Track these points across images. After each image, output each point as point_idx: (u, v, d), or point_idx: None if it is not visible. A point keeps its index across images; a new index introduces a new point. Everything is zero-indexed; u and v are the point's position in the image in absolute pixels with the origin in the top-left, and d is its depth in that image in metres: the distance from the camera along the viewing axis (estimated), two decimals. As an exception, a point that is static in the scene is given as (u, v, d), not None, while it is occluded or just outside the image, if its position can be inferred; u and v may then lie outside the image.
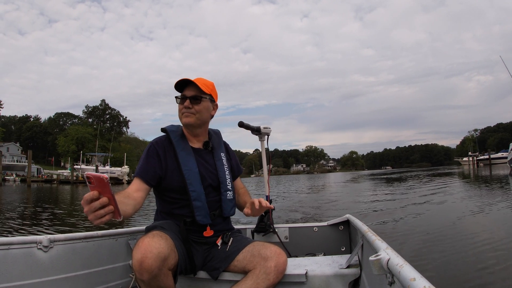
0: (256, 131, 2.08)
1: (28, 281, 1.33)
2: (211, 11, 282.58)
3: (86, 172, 1.03)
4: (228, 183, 1.62)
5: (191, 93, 1.52)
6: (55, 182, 40.32)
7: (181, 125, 1.61)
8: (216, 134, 1.75)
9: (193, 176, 1.50)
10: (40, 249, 1.38)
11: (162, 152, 1.53)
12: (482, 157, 52.39)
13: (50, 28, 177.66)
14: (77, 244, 1.51)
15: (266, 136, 2.13)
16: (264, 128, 2.08)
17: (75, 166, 42.39)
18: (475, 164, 51.42)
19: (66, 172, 41.29)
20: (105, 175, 1.00)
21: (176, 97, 1.56)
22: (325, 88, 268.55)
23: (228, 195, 1.60)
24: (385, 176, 28.66)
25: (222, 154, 1.67)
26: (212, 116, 1.64)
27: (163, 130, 1.63)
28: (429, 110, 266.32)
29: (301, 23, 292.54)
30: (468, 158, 59.21)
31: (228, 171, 1.64)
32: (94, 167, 39.42)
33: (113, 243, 1.67)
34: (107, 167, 42.42)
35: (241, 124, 2.04)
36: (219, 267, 1.45)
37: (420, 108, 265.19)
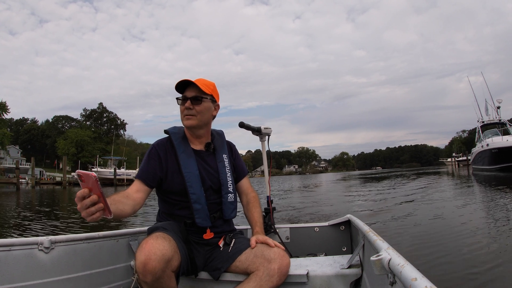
0: (256, 131, 2.08)
1: (29, 282, 1.33)
2: (204, 12, 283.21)
3: (77, 170, 1.05)
4: (230, 185, 1.61)
5: (192, 93, 1.53)
6: (68, 184, 40.52)
7: (183, 126, 1.62)
8: (219, 135, 1.74)
9: (193, 179, 1.51)
10: (41, 250, 1.38)
11: (163, 154, 1.54)
12: (460, 159, 55.63)
13: (41, 28, 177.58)
14: (78, 245, 1.51)
15: (266, 137, 2.14)
16: (265, 128, 2.09)
17: (93, 169, 43.23)
18: (457, 165, 54.55)
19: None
20: (94, 173, 1.01)
21: (177, 98, 1.56)
22: (318, 89, 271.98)
23: (229, 197, 1.60)
24: (372, 176, 30.69)
25: (225, 156, 1.67)
26: (214, 117, 1.64)
27: (166, 132, 1.64)
28: (420, 111, 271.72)
29: (294, 25, 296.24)
30: (451, 159, 62.56)
31: (230, 173, 1.64)
32: (112, 170, 41.15)
33: (114, 244, 1.67)
34: (123, 170, 43.93)
35: (242, 125, 2.05)
36: (221, 267, 1.45)
37: (412, 109, 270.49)
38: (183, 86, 1.55)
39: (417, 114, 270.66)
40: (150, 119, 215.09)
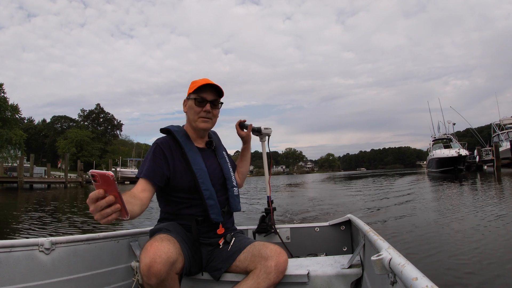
0: (256, 131, 2.08)
1: (30, 283, 1.32)
2: (194, 11, 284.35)
3: (90, 170, 0.99)
4: (233, 179, 1.66)
5: (211, 97, 1.53)
6: (86, 183, 42.51)
7: (180, 125, 1.63)
8: (215, 134, 1.79)
9: (204, 175, 1.51)
10: (42, 251, 1.38)
11: (169, 152, 1.52)
12: None
13: (29, 23, 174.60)
14: (79, 246, 1.50)
15: (266, 137, 2.14)
16: (265, 128, 2.09)
17: (117, 169, 44.19)
18: (430, 167, 60.19)
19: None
20: (110, 172, 0.96)
21: (195, 98, 1.54)
22: (305, 90, 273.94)
23: (234, 191, 1.64)
24: (356, 176, 33.63)
25: (224, 153, 1.73)
26: None
27: (165, 131, 1.62)
28: (406, 113, 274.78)
29: (284, 25, 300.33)
30: (426, 162, 68.44)
31: (231, 169, 1.69)
32: (134, 170, 41.93)
33: (114, 245, 1.67)
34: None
35: (242, 125, 2.03)
36: (221, 267, 1.46)
37: (398, 111, 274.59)
38: (203, 86, 1.53)
39: (403, 116, 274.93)
40: (136, 117, 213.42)
